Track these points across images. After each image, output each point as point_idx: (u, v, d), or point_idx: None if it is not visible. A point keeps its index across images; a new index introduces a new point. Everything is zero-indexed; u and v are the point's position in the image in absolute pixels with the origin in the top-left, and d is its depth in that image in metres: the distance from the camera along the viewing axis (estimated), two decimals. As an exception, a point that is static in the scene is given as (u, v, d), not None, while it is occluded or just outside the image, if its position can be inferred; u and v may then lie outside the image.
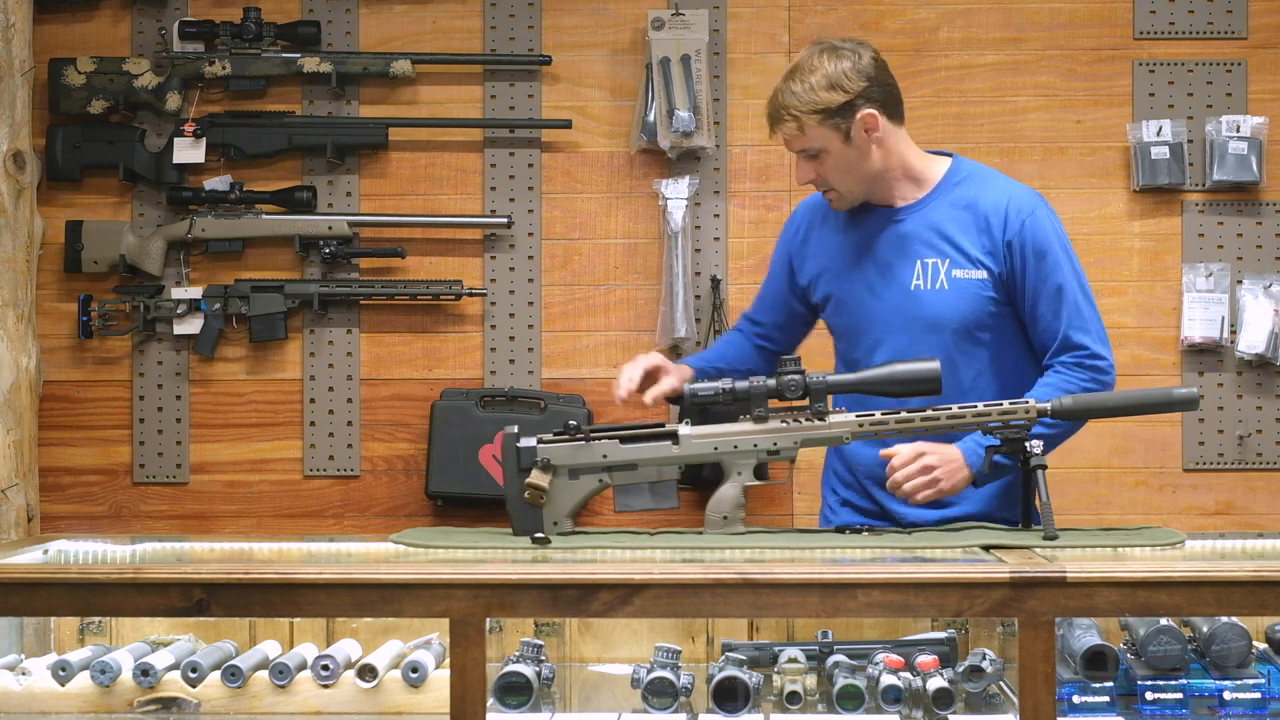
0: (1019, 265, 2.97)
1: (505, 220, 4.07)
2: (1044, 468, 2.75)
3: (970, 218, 3.02)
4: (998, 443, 2.78)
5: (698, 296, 4.05)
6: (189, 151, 4.07)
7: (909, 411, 2.77)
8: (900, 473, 2.87)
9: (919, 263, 3.03)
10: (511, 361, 4.10)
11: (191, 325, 4.10)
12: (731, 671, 2.63)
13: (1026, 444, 2.76)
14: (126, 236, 4.08)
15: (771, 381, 2.79)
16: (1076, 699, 2.62)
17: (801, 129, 2.97)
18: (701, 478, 3.46)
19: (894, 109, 3.00)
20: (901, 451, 2.87)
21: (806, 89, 2.99)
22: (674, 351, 4.03)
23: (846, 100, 2.95)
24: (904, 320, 3.02)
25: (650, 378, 2.95)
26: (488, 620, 2.43)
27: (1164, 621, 2.63)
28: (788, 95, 2.98)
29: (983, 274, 2.98)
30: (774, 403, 2.81)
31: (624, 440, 2.81)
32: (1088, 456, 4.05)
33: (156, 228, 4.10)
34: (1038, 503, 2.74)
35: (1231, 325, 4.01)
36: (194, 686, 2.73)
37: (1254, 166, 3.99)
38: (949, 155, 3.10)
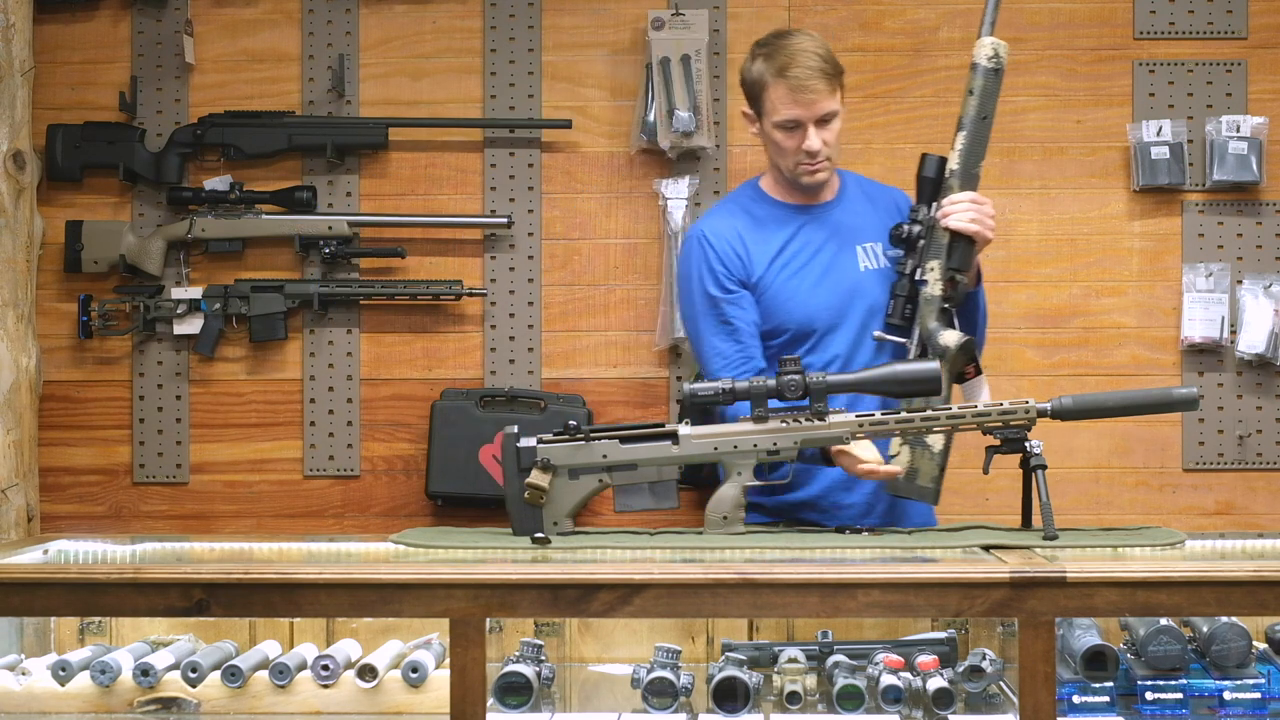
0: None
1: (505, 220, 4.06)
2: (1044, 468, 2.75)
3: (872, 204, 3.28)
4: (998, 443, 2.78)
5: (698, 296, 4.04)
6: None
7: (909, 411, 2.77)
8: (960, 204, 3.06)
9: (859, 248, 3.21)
10: (511, 361, 4.10)
11: (191, 325, 4.10)
12: (731, 671, 2.63)
13: (1026, 444, 2.76)
14: (126, 236, 4.08)
15: (771, 381, 2.79)
16: (1076, 699, 2.62)
17: (832, 89, 3.12)
18: (701, 478, 3.47)
19: None
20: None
21: (828, 51, 3.15)
22: (674, 352, 4.03)
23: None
24: (855, 306, 3.17)
25: None
26: (488, 620, 2.43)
27: (1164, 621, 2.64)
28: (817, 58, 3.11)
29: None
30: (773, 403, 2.82)
31: (624, 440, 2.81)
32: (1088, 456, 4.05)
33: (156, 228, 4.09)
34: (1037, 503, 2.75)
35: (1231, 325, 4.01)
36: (194, 686, 2.74)
37: (1254, 166, 3.98)
38: None
